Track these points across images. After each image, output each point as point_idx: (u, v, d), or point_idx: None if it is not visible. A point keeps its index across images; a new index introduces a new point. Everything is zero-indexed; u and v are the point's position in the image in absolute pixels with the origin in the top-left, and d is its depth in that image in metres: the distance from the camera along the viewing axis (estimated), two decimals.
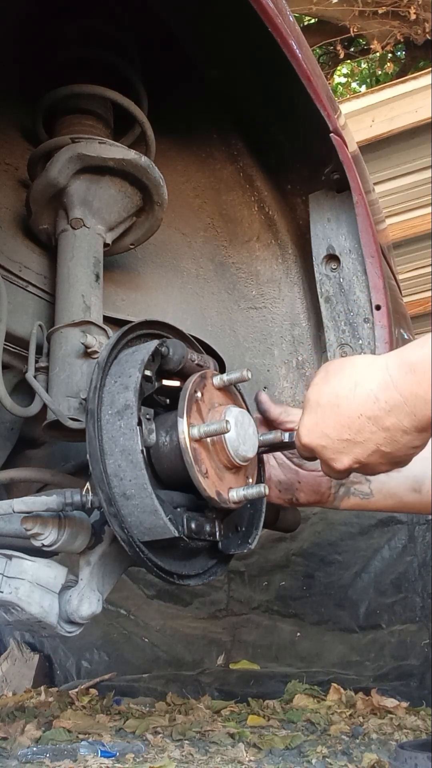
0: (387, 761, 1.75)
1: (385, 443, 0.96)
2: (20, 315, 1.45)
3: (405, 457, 0.99)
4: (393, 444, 0.96)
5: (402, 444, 0.96)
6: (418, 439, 0.96)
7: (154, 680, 3.18)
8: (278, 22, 1.29)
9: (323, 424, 1.01)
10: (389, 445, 0.96)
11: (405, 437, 0.95)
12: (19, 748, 2.04)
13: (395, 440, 0.96)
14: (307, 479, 1.31)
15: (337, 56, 7.59)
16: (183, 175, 1.71)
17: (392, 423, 0.94)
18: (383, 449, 0.97)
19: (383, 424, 0.95)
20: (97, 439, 1.03)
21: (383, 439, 0.96)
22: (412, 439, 0.95)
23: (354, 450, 0.99)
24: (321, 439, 1.01)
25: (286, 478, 1.32)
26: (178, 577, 1.11)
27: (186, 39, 1.43)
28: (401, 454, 0.98)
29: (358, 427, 0.97)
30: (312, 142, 1.52)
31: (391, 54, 8.33)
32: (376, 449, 0.97)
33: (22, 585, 1.09)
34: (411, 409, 0.93)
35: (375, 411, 0.95)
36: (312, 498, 1.32)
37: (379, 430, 0.96)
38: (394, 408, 0.94)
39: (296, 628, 3.17)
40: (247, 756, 1.91)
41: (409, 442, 0.96)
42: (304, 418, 1.05)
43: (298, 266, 1.77)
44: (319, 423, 1.01)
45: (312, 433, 1.03)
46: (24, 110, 1.49)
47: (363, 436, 0.97)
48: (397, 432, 0.95)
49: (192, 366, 1.15)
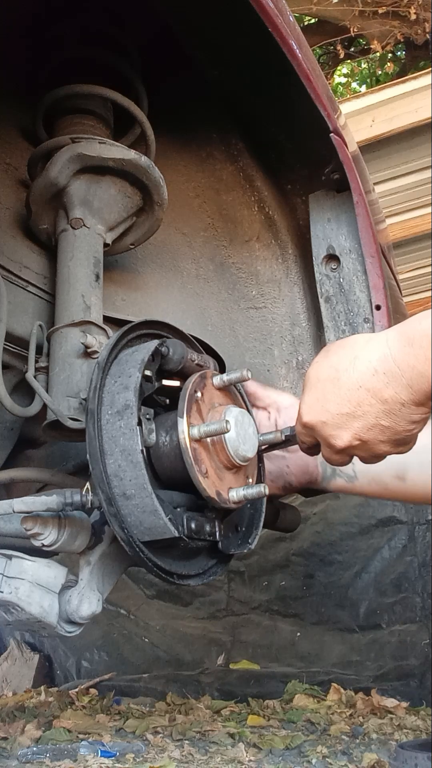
0: (387, 761, 1.75)
1: (383, 416, 0.96)
2: (20, 315, 1.45)
3: (405, 434, 0.98)
4: (391, 417, 0.96)
5: (400, 417, 0.96)
6: (416, 413, 0.95)
7: (154, 680, 3.18)
8: (278, 22, 1.29)
9: (323, 399, 1.01)
10: (388, 417, 0.96)
11: (403, 410, 0.95)
12: (19, 748, 2.04)
13: (393, 413, 0.96)
14: (294, 460, 1.34)
15: (337, 56, 7.59)
16: (183, 175, 1.71)
17: (390, 395, 0.95)
18: (382, 423, 0.97)
19: (382, 395, 0.96)
20: (97, 439, 1.03)
21: (382, 411, 0.96)
22: (411, 413, 0.95)
23: (353, 424, 0.99)
24: (321, 414, 1.01)
25: (275, 466, 1.35)
26: (178, 577, 1.11)
27: (186, 39, 1.43)
28: (401, 429, 0.97)
29: (357, 399, 0.97)
30: (312, 142, 1.52)
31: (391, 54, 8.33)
32: (376, 423, 0.97)
33: (22, 585, 1.09)
34: (408, 382, 0.94)
35: (374, 383, 0.96)
36: (303, 479, 1.35)
37: (378, 402, 0.96)
38: (392, 380, 0.95)
39: (296, 628, 3.17)
40: (247, 756, 1.91)
41: (408, 416, 0.96)
42: (304, 396, 1.05)
43: (298, 266, 1.77)
44: (319, 398, 1.02)
45: (312, 409, 1.03)
46: (24, 110, 1.49)
47: (362, 409, 0.97)
48: (395, 404, 0.95)
49: (192, 366, 1.15)
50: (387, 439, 0.99)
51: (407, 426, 0.97)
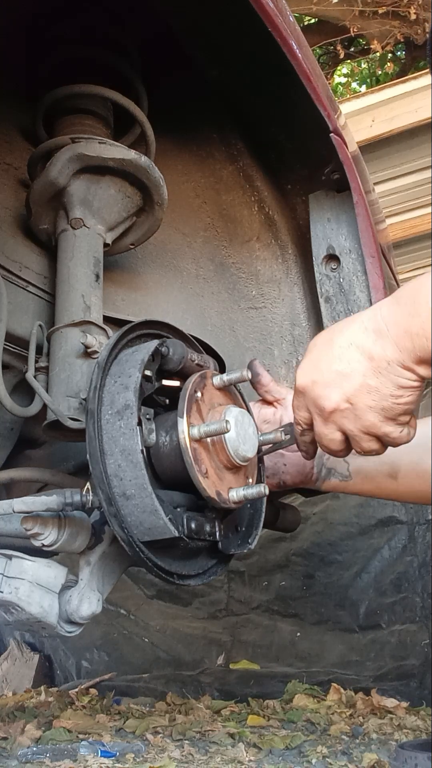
0: (387, 761, 1.75)
1: (371, 374, 0.97)
2: (20, 315, 1.45)
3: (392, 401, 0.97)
4: (378, 377, 0.96)
5: (387, 378, 0.96)
6: (402, 377, 0.95)
7: (154, 680, 3.18)
8: (278, 22, 1.29)
9: (317, 360, 1.03)
10: (375, 377, 0.96)
11: (389, 369, 0.95)
12: (19, 748, 2.04)
13: (380, 372, 0.96)
14: (292, 460, 1.35)
15: (337, 56, 7.58)
16: (183, 175, 1.71)
17: (377, 352, 0.96)
18: (369, 382, 0.97)
19: (369, 352, 0.97)
20: (97, 439, 1.03)
21: (369, 369, 0.97)
22: (397, 375, 0.95)
23: (342, 383, 0.99)
24: (313, 373, 1.02)
25: (271, 462, 1.36)
26: (178, 577, 1.11)
27: (186, 38, 1.43)
28: (387, 393, 0.96)
29: (348, 357, 0.99)
30: (312, 142, 1.53)
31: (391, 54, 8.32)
32: (363, 382, 0.97)
33: (22, 585, 1.09)
34: (394, 339, 0.95)
35: (363, 340, 0.98)
36: (297, 479, 1.36)
37: (366, 359, 0.97)
38: (379, 337, 0.96)
39: (296, 628, 3.18)
40: (247, 756, 1.91)
41: (394, 378, 0.95)
42: (301, 363, 1.06)
43: (298, 266, 1.77)
44: (313, 360, 1.03)
45: (305, 371, 1.04)
46: (24, 110, 1.49)
47: (351, 366, 0.98)
48: (381, 362, 0.96)
49: (192, 366, 1.15)
50: (375, 404, 0.97)
51: (394, 390, 0.96)
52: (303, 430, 1.11)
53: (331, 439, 1.05)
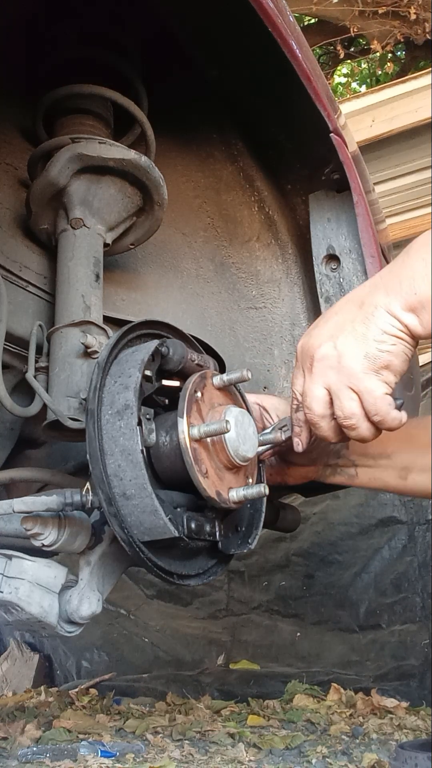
0: (387, 761, 1.75)
1: (359, 320, 0.99)
2: (20, 315, 1.45)
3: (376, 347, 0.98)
4: (365, 322, 0.98)
5: (373, 323, 0.98)
6: (388, 325, 0.97)
7: (154, 680, 3.18)
8: (278, 22, 1.29)
9: (317, 321, 1.07)
10: (362, 323, 0.99)
11: (376, 314, 0.98)
12: (19, 748, 2.04)
13: (367, 317, 0.98)
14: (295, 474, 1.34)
15: (337, 56, 7.58)
16: (183, 175, 1.71)
17: (368, 299, 1.00)
18: (357, 327, 0.99)
19: (361, 300, 1.01)
20: (97, 439, 1.03)
21: (358, 315, 1.00)
22: (384, 322, 0.97)
23: (332, 330, 1.02)
24: (312, 330, 1.06)
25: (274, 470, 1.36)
26: (178, 577, 1.11)
27: (186, 39, 1.43)
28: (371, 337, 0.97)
29: (342, 308, 1.03)
30: (312, 142, 1.53)
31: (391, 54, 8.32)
32: (352, 328, 0.99)
33: (22, 585, 1.09)
34: (385, 284, 0.98)
35: (358, 292, 1.03)
36: (299, 482, 1.36)
37: (356, 307, 1.01)
38: (373, 286, 1.01)
39: (296, 628, 3.17)
40: (247, 756, 1.91)
41: (381, 323, 0.97)
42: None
43: (298, 266, 1.77)
44: (315, 322, 1.07)
45: (306, 332, 1.08)
46: (24, 110, 1.49)
47: (342, 316, 1.02)
48: (370, 306, 0.99)
49: (192, 366, 1.15)
50: (359, 349, 0.98)
51: (378, 334, 0.97)
52: (297, 405, 1.10)
53: (315, 395, 1.04)
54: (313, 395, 1.04)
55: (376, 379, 0.99)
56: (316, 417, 1.05)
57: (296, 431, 1.14)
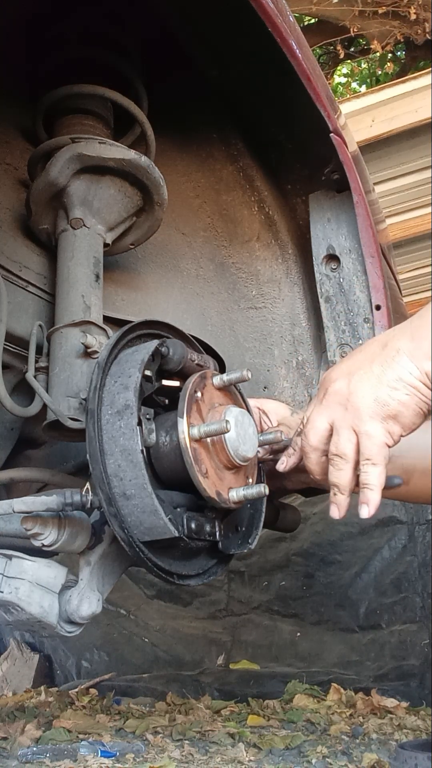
0: (387, 761, 1.75)
1: (378, 360, 0.98)
2: (20, 315, 1.45)
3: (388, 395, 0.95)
4: (383, 364, 0.97)
5: (391, 367, 0.96)
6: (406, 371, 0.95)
7: (154, 680, 3.18)
8: (278, 22, 1.29)
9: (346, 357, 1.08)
10: (380, 364, 0.97)
11: (396, 359, 0.96)
12: (19, 748, 2.04)
13: (386, 360, 0.97)
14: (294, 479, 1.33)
15: (337, 56, 7.59)
16: (183, 175, 1.71)
17: (392, 342, 0.98)
18: (374, 368, 0.97)
19: (385, 342, 1.00)
20: (97, 439, 1.03)
21: (379, 356, 0.98)
22: (401, 367, 0.95)
23: (350, 366, 1.01)
24: (336, 364, 1.05)
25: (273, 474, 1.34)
26: (178, 577, 1.11)
27: (186, 39, 1.43)
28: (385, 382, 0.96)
29: (366, 348, 1.02)
30: (312, 142, 1.53)
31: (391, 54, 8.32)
32: (368, 367, 0.98)
33: (22, 585, 1.09)
34: (411, 331, 0.97)
35: (384, 336, 1.02)
36: (298, 486, 1.35)
37: (378, 348, 1.00)
38: (399, 331, 1.00)
39: (296, 628, 3.17)
40: (247, 756, 1.91)
41: (398, 368, 0.95)
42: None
43: (298, 266, 1.77)
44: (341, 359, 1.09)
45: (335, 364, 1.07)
46: (24, 110, 1.49)
47: (365, 353, 1.01)
48: (391, 350, 0.97)
49: (192, 366, 1.15)
50: (370, 390, 0.97)
51: (393, 380, 0.95)
52: (300, 429, 1.10)
53: (316, 426, 1.03)
54: (313, 425, 1.04)
55: (380, 425, 0.97)
56: (309, 447, 1.05)
57: (289, 452, 1.16)
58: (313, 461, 1.06)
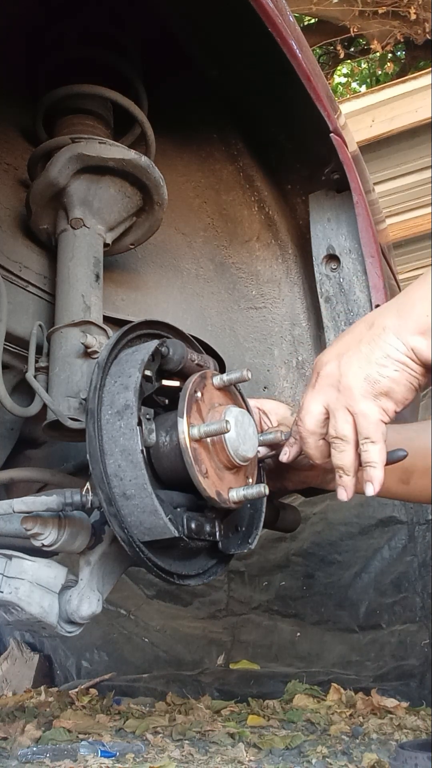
0: (387, 761, 1.75)
1: (366, 340, 0.98)
2: (20, 315, 1.45)
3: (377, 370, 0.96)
4: (371, 342, 0.97)
5: (378, 345, 0.96)
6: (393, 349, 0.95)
7: (154, 680, 3.18)
8: (278, 22, 1.29)
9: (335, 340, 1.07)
10: (368, 343, 0.98)
11: (383, 337, 0.96)
12: (19, 748, 2.04)
13: (374, 338, 0.97)
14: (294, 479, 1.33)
15: (337, 56, 7.59)
16: (183, 174, 1.71)
17: (378, 320, 0.99)
18: (362, 347, 0.98)
19: (372, 320, 1.00)
20: (97, 439, 1.03)
21: (366, 335, 0.99)
22: (389, 344, 0.96)
23: (340, 347, 1.01)
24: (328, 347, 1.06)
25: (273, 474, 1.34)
26: (178, 577, 1.11)
27: (186, 39, 1.43)
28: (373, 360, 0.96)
29: (355, 327, 1.03)
30: (312, 142, 1.53)
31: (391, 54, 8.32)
32: (357, 347, 0.99)
33: (22, 585, 1.09)
34: (397, 307, 0.98)
35: (371, 315, 1.02)
36: (298, 486, 1.35)
37: (366, 327, 1.00)
38: (385, 308, 1.00)
39: (296, 628, 3.18)
40: (247, 756, 1.91)
41: (385, 346, 0.96)
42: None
43: (298, 266, 1.77)
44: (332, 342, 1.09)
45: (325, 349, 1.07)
46: (24, 110, 1.49)
47: (353, 333, 1.01)
48: (378, 328, 0.98)
49: (192, 366, 1.15)
50: (360, 370, 0.97)
51: (381, 357, 0.96)
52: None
53: (311, 411, 1.03)
54: (308, 410, 1.04)
55: (373, 403, 0.97)
56: (306, 432, 1.05)
57: (290, 442, 1.15)
58: (311, 446, 1.06)
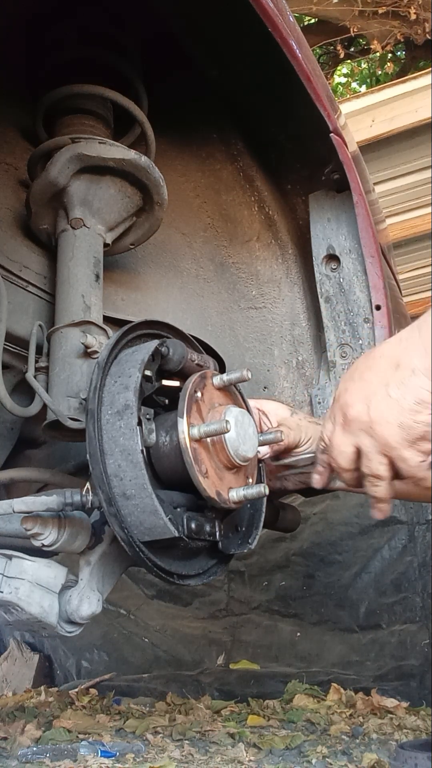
0: (387, 761, 1.75)
1: (393, 384, 0.94)
2: (20, 315, 1.45)
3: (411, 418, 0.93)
4: (400, 387, 0.94)
5: (408, 389, 0.93)
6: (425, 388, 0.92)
7: (154, 680, 3.18)
8: (278, 22, 1.29)
9: (354, 369, 1.03)
10: (396, 387, 0.94)
11: (412, 380, 0.93)
12: (19, 748, 2.04)
13: (403, 382, 0.94)
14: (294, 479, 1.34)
15: (337, 56, 7.59)
16: (183, 175, 1.71)
17: (404, 360, 0.94)
18: (391, 393, 0.94)
19: (397, 360, 0.95)
20: (97, 439, 1.03)
21: (393, 379, 0.95)
22: (420, 386, 0.92)
23: (367, 392, 0.97)
24: (348, 381, 1.02)
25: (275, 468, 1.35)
26: (178, 577, 1.11)
27: (186, 39, 1.43)
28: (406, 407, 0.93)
29: (376, 365, 0.98)
30: (312, 142, 1.53)
31: (391, 54, 8.32)
32: (385, 393, 0.95)
33: (22, 585, 1.09)
34: (424, 344, 0.93)
35: (393, 350, 0.97)
36: (299, 486, 1.36)
37: (392, 368, 0.95)
38: (409, 344, 0.95)
39: (296, 628, 3.17)
40: (247, 756, 1.91)
41: (416, 389, 0.92)
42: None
43: (298, 266, 1.77)
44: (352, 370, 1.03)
45: (343, 380, 1.04)
46: (24, 110, 1.49)
47: (378, 376, 0.97)
48: (406, 370, 0.93)
49: (192, 366, 1.15)
50: (393, 419, 0.94)
51: (414, 404, 0.93)
52: (324, 447, 1.09)
53: (343, 451, 1.02)
54: (340, 451, 1.03)
55: (411, 450, 0.96)
56: (341, 469, 1.06)
57: (319, 470, 1.16)
58: (348, 479, 1.07)
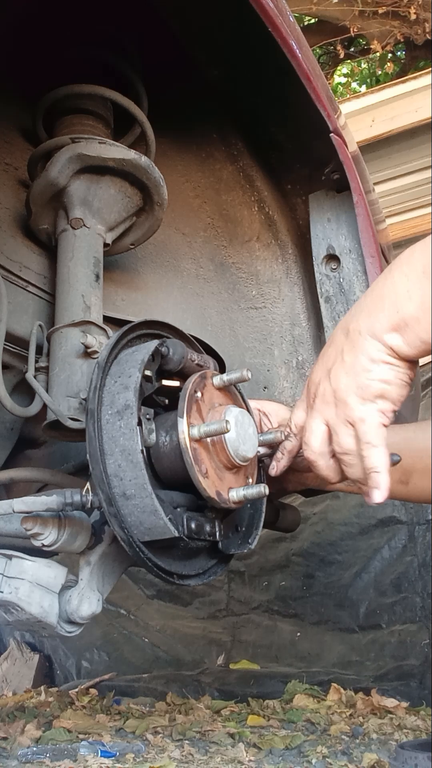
0: (387, 761, 1.75)
1: (347, 349, 0.97)
2: (20, 315, 1.45)
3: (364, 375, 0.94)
4: (352, 351, 0.96)
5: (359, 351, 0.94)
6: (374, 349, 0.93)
7: (154, 680, 3.18)
8: (278, 22, 1.29)
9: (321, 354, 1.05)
10: (349, 352, 0.96)
11: (360, 341, 0.94)
12: (19, 748, 2.04)
13: (353, 345, 0.96)
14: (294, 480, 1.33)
15: (337, 56, 7.59)
16: (183, 175, 1.71)
17: (352, 325, 0.97)
18: (345, 358, 0.96)
19: (346, 327, 0.98)
20: (97, 439, 1.03)
21: (345, 344, 0.97)
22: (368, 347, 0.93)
23: (326, 363, 1.00)
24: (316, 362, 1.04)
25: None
26: (178, 577, 1.11)
27: (186, 38, 1.43)
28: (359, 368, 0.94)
29: (334, 337, 1.01)
30: (312, 142, 1.53)
31: (391, 54, 8.32)
32: (340, 359, 0.97)
33: (22, 585, 1.09)
34: (368, 307, 0.95)
35: (346, 317, 1.00)
36: (297, 488, 1.35)
37: (343, 336, 0.98)
38: (356, 309, 0.98)
39: (296, 628, 3.18)
40: (247, 756, 1.91)
41: (365, 350, 0.94)
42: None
43: (298, 266, 1.77)
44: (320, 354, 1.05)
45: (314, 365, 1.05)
46: (24, 110, 1.49)
47: (334, 344, 1.00)
48: (354, 333, 0.96)
49: (192, 366, 1.15)
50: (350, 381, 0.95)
51: (366, 363, 0.94)
52: (288, 434, 1.11)
53: (314, 431, 1.02)
54: (312, 430, 1.03)
55: (370, 407, 0.96)
56: (315, 454, 1.04)
57: (277, 456, 1.16)
58: (323, 467, 1.05)
